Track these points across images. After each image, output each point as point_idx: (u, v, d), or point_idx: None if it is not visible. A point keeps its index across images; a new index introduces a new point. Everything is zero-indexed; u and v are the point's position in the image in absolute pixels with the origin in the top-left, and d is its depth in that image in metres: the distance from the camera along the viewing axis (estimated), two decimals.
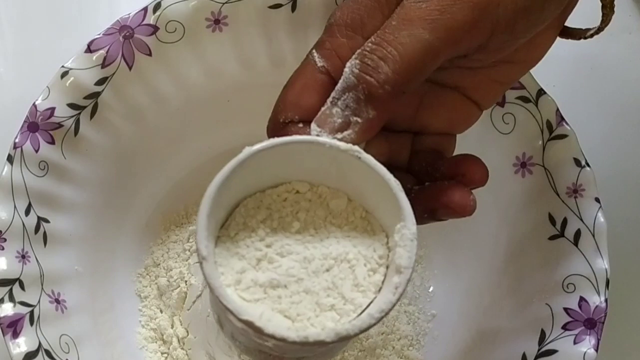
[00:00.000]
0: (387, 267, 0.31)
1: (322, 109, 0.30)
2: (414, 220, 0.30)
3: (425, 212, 0.32)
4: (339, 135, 0.30)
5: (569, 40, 0.35)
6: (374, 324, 0.29)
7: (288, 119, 0.32)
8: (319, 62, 0.32)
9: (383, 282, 0.31)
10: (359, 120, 0.30)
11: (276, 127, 0.32)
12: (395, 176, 0.30)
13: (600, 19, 0.35)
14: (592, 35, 0.35)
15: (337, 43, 0.32)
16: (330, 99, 0.30)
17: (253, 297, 0.30)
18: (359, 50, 0.30)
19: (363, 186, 0.31)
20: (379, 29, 0.31)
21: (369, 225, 0.32)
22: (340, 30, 0.32)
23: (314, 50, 0.33)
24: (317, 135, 0.30)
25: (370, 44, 0.30)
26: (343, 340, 0.29)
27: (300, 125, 0.32)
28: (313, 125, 0.30)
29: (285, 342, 0.28)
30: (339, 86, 0.30)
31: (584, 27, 0.35)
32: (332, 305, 0.30)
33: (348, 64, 0.30)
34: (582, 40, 0.35)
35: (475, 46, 0.31)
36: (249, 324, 0.28)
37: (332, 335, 0.28)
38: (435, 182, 0.33)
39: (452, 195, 0.32)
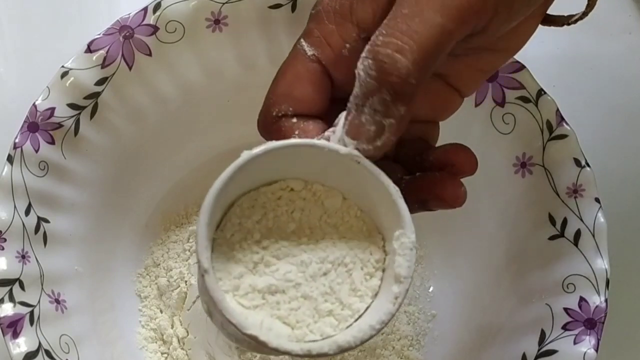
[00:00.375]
0: (384, 271, 0.31)
1: (349, 118, 0.29)
2: (413, 229, 0.30)
3: (416, 202, 0.32)
4: (379, 143, 0.29)
5: (551, 27, 0.35)
6: (375, 335, 0.29)
7: (281, 112, 0.31)
8: (309, 51, 0.31)
9: (379, 286, 0.31)
10: (393, 121, 0.28)
11: (269, 122, 0.32)
12: (384, 165, 0.30)
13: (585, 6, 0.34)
14: (576, 21, 0.34)
15: (327, 30, 0.31)
16: (351, 104, 0.29)
17: (252, 304, 0.30)
18: (368, 47, 0.28)
19: (360, 189, 0.31)
20: (369, 14, 0.30)
21: (364, 226, 0.32)
22: (328, 17, 0.31)
23: (302, 40, 0.32)
24: (356, 148, 0.29)
25: (381, 37, 0.28)
26: (344, 352, 0.29)
27: (294, 120, 0.31)
28: (347, 139, 0.29)
29: (289, 354, 0.28)
30: (357, 91, 0.29)
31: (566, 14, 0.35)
32: (330, 311, 0.30)
33: (360, 66, 0.28)
34: (565, 26, 0.34)
35: (481, 26, 0.30)
36: (253, 337, 0.28)
37: (335, 347, 0.29)
38: (426, 173, 0.33)
39: (444, 188, 0.32)
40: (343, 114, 0.30)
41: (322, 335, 0.30)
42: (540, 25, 0.34)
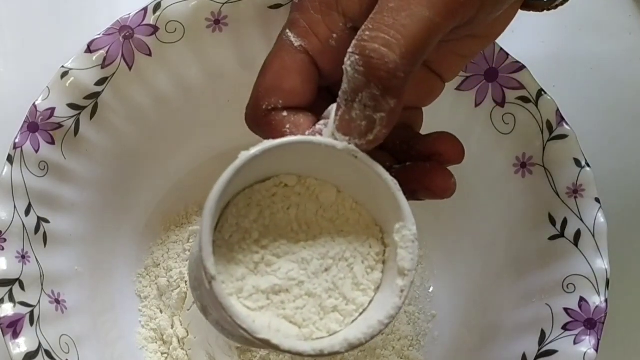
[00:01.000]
0: (384, 263, 0.31)
1: (339, 114, 0.29)
2: (413, 221, 0.30)
3: (406, 192, 0.32)
4: (371, 137, 0.29)
5: (531, 12, 0.34)
6: (384, 329, 0.29)
7: (271, 105, 0.31)
8: (296, 42, 0.31)
9: (381, 279, 0.31)
10: (384, 115, 0.28)
11: (258, 116, 0.31)
12: (372, 154, 0.30)
13: None
14: (556, 7, 0.34)
15: (312, 20, 0.31)
16: (340, 100, 0.29)
17: (257, 305, 0.30)
18: (355, 42, 0.28)
19: (356, 182, 0.31)
20: (356, 4, 0.30)
21: (360, 218, 0.32)
22: (314, 7, 0.31)
23: (287, 30, 0.31)
24: (349, 143, 0.29)
25: (367, 32, 0.28)
26: (355, 348, 0.29)
27: (285, 113, 0.31)
28: (339, 135, 0.29)
29: (301, 356, 0.28)
30: (346, 87, 0.29)
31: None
32: (335, 307, 0.30)
33: (347, 62, 0.28)
34: (545, 12, 0.34)
35: (468, 18, 0.30)
36: (265, 342, 0.28)
37: (346, 345, 0.29)
38: (416, 163, 0.33)
39: (434, 179, 0.32)
40: (333, 107, 0.30)
41: (329, 332, 0.30)
42: (526, 12, 0.34)
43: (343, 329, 0.30)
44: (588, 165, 0.41)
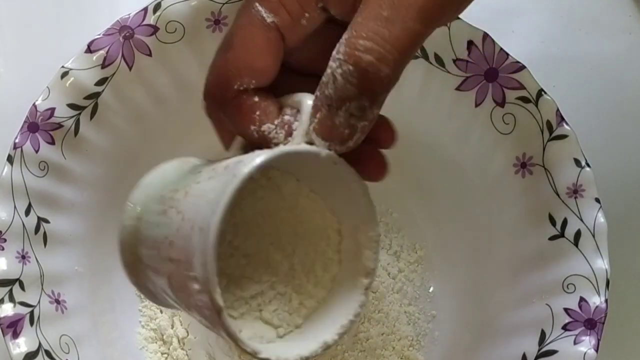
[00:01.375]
0: (340, 252, 0.32)
1: (320, 117, 0.28)
2: (377, 221, 0.31)
3: None
4: (351, 143, 0.29)
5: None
6: (353, 326, 0.31)
7: (243, 85, 0.30)
8: (268, 18, 0.30)
9: (339, 271, 0.32)
10: (366, 123, 0.29)
11: (228, 96, 0.31)
12: None
13: None
14: None
15: None
16: (321, 104, 0.28)
17: (239, 312, 0.31)
18: (347, 49, 0.27)
19: (322, 178, 0.31)
20: None
21: (316, 206, 0.32)
22: None
23: (257, 4, 0.30)
24: (329, 148, 0.29)
25: (361, 41, 0.27)
26: (330, 347, 0.31)
27: (256, 99, 0.30)
28: (318, 140, 0.29)
29: None
30: (331, 92, 0.28)
31: None
32: (301, 303, 0.32)
33: (338, 70, 0.28)
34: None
35: (445, 24, 0.30)
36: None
37: (325, 346, 0.30)
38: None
39: (368, 162, 0.32)
40: (303, 99, 0.29)
41: (296, 326, 0.31)
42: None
43: (304, 323, 0.32)
44: (588, 165, 0.41)
